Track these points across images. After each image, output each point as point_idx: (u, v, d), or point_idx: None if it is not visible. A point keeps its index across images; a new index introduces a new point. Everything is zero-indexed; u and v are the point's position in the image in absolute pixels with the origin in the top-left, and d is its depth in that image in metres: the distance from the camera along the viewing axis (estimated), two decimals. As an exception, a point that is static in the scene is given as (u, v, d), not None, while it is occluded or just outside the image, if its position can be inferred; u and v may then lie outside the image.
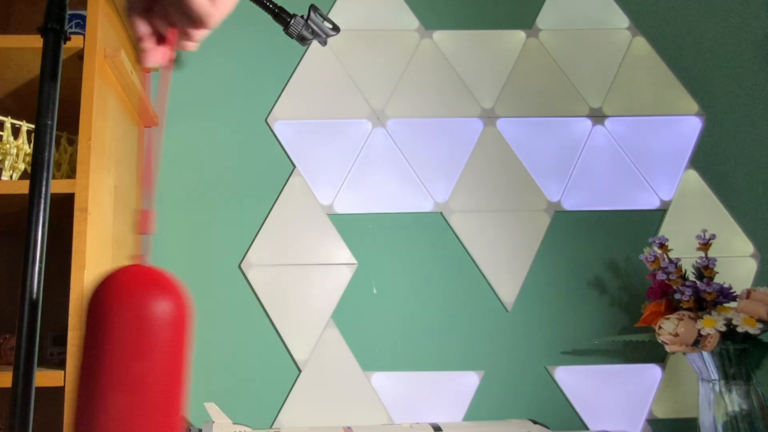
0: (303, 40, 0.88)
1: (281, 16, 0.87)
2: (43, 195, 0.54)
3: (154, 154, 0.58)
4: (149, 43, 0.46)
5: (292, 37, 0.88)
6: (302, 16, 0.87)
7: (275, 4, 0.87)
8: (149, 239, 0.42)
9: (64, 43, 0.60)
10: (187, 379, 0.40)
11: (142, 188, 0.57)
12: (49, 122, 0.56)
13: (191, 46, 0.46)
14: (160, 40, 0.46)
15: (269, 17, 0.88)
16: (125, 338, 0.38)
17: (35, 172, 0.54)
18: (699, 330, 0.92)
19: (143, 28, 0.45)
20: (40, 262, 0.52)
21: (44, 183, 0.54)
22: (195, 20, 0.43)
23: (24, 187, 0.85)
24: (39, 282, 0.52)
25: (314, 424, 1.11)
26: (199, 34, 0.46)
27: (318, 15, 0.87)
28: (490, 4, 1.35)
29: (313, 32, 0.88)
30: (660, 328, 0.96)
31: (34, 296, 0.51)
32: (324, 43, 0.91)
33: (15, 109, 1.08)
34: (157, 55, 0.46)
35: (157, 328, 0.39)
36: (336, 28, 0.89)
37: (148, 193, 0.45)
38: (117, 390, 0.38)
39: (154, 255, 1.27)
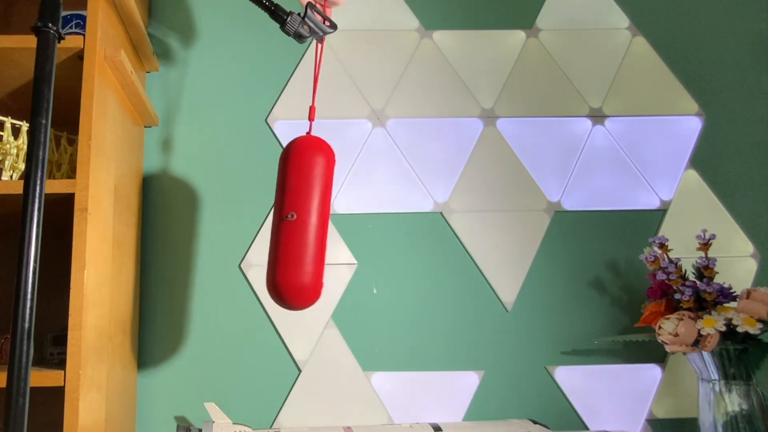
0: (300, 38, 0.87)
1: (278, 14, 0.86)
2: (37, 194, 0.54)
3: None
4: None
5: (288, 34, 0.87)
6: (299, 14, 0.86)
7: (271, 2, 0.86)
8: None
9: (59, 42, 0.59)
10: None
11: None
12: (44, 121, 0.56)
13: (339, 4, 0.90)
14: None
15: (268, 16, 0.87)
16: (307, 165, 0.80)
17: (30, 172, 0.54)
18: (699, 330, 0.92)
19: None
20: (35, 261, 0.52)
21: (39, 182, 0.54)
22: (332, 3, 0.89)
23: (21, 187, 0.85)
24: (34, 281, 0.52)
25: (314, 424, 1.11)
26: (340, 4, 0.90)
27: (315, 12, 0.86)
28: (490, 4, 1.35)
29: (310, 30, 0.87)
30: (660, 328, 0.96)
31: (29, 295, 0.51)
32: (320, 40, 0.90)
33: (15, 109, 1.08)
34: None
35: (325, 158, 0.81)
36: (333, 26, 0.89)
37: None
38: (298, 197, 0.78)
39: (154, 254, 1.27)
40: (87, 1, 0.92)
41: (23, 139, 0.92)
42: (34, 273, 0.52)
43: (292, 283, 0.76)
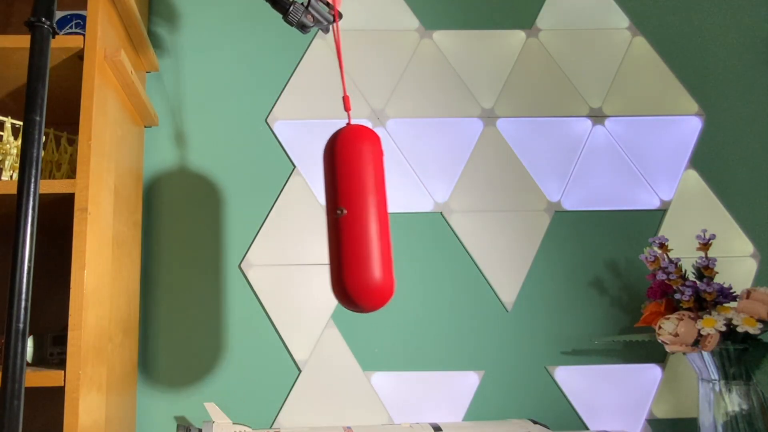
0: (303, 28, 0.84)
1: (280, 4, 0.84)
2: (32, 192, 0.53)
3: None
4: None
5: (291, 24, 0.84)
6: (302, 3, 0.84)
7: None
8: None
9: (53, 38, 0.59)
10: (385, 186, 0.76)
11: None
12: (38, 118, 0.55)
13: None
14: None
15: (268, 16, 0.86)
16: (356, 154, 0.75)
17: (23, 170, 0.53)
18: (699, 330, 0.92)
19: None
20: (30, 261, 0.52)
21: (33, 180, 0.53)
22: None
23: (24, 187, 0.85)
24: (28, 281, 0.51)
25: (314, 424, 1.11)
26: None
27: (318, 1, 0.84)
28: (490, 4, 1.35)
29: (314, 19, 0.84)
30: (660, 328, 0.96)
31: (23, 295, 0.50)
32: (326, 30, 0.87)
33: (15, 109, 1.08)
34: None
35: (373, 146, 0.77)
36: (338, 15, 0.86)
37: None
38: (352, 189, 0.73)
39: (154, 254, 1.27)
40: (87, 1, 0.92)
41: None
42: (28, 273, 0.51)
43: (361, 283, 0.70)
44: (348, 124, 0.80)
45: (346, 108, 0.82)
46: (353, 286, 0.70)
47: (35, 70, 0.56)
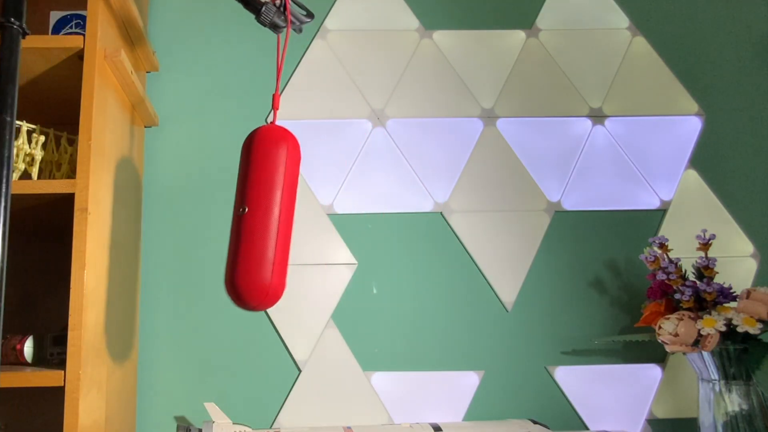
0: (276, 28, 0.85)
1: (252, 4, 0.84)
2: (3, 193, 0.53)
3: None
4: None
5: (264, 25, 0.85)
6: (274, 3, 0.84)
7: None
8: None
9: (23, 38, 0.60)
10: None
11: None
12: (9, 118, 0.56)
13: None
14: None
15: (243, 8, 0.85)
16: (271, 156, 0.75)
17: None
18: (699, 330, 0.92)
19: None
20: (2, 261, 0.52)
21: (4, 181, 0.54)
22: None
23: (21, 187, 0.85)
24: (0, 282, 0.51)
25: (314, 424, 1.11)
26: None
27: (291, 1, 0.85)
28: (490, 4, 1.35)
29: (286, 19, 0.85)
30: (660, 328, 0.96)
31: None
32: (299, 30, 0.89)
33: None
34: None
35: (289, 150, 0.76)
36: (310, 15, 0.88)
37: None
38: (262, 186, 0.73)
39: (155, 254, 1.27)
40: (87, 1, 0.92)
41: (23, 139, 0.92)
42: (0, 274, 0.52)
43: (252, 282, 0.71)
44: (272, 123, 0.80)
45: (274, 107, 0.82)
46: (242, 283, 0.71)
47: (6, 70, 0.57)
